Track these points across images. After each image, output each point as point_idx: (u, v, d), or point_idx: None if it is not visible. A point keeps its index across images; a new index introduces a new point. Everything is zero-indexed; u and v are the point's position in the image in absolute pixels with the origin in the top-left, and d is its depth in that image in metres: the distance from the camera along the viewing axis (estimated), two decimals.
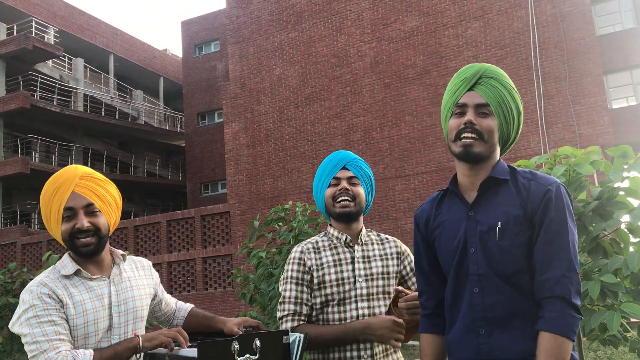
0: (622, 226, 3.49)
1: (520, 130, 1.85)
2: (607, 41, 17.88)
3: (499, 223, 1.70)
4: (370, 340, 2.16)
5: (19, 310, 1.88)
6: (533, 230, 1.69)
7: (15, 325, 1.87)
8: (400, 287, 2.15)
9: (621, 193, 3.52)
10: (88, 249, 1.97)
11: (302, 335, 1.99)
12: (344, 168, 2.34)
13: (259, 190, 17.65)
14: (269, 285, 6.97)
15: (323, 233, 2.41)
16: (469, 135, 1.74)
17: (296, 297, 2.24)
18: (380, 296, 2.25)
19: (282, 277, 2.32)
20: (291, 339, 1.99)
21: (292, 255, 2.32)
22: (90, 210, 1.99)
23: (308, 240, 2.40)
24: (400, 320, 2.12)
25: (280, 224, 7.36)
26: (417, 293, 2.06)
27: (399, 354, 2.31)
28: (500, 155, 1.85)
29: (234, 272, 7.95)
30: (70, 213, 1.97)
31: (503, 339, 1.66)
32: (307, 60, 17.58)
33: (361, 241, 2.34)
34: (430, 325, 1.90)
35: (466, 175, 1.82)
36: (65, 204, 1.96)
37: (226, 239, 17.89)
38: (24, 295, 1.89)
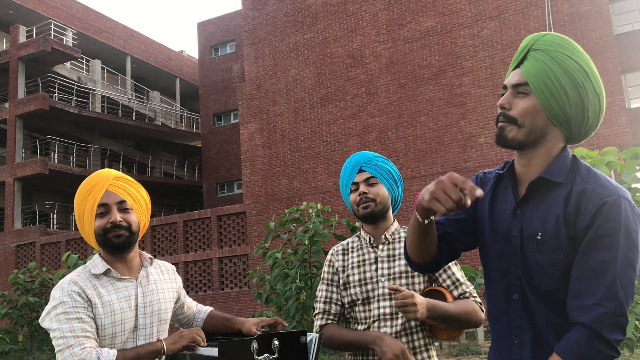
0: None
1: (590, 106, 1.53)
2: (626, 40, 17.69)
3: (539, 234, 1.51)
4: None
5: (48, 306, 1.95)
6: (576, 244, 1.47)
7: (45, 321, 1.94)
8: (393, 286, 2.13)
9: (638, 194, 3.50)
10: (120, 241, 2.03)
11: (317, 335, 2.03)
12: (361, 170, 2.35)
13: (275, 190, 17.71)
14: (285, 286, 7.01)
15: (357, 234, 2.47)
16: (501, 122, 1.57)
17: (326, 297, 2.37)
18: None
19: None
20: (308, 339, 2.02)
21: (326, 257, 2.46)
22: (123, 207, 2.07)
23: (342, 242, 2.49)
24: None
25: (295, 224, 7.40)
26: (407, 292, 2.04)
27: (432, 353, 2.28)
28: (574, 137, 1.59)
29: (250, 272, 8.01)
30: (104, 209, 2.04)
31: (536, 354, 1.52)
32: (323, 61, 17.61)
33: (386, 240, 2.35)
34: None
35: (520, 164, 1.62)
36: (99, 201, 2.04)
37: (242, 239, 17.98)
38: (55, 292, 1.96)
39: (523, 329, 1.55)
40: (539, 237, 1.51)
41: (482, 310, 2.25)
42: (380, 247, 2.34)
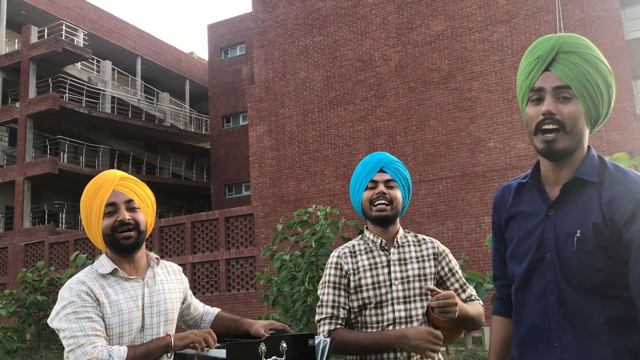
0: None
1: (612, 105, 1.59)
2: (637, 45, 17.60)
3: (578, 231, 1.51)
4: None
5: (57, 307, 1.95)
6: (619, 242, 1.47)
7: (54, 321, 1.94)
8: (430, 287, 2.14)
9: None
10: (128, 242, 2.04)
11: (328, 340, 2.01)
12: (381, 170, 2.34)
13: (283, 193, 17.73)
14: (292, 288, 7.00)
15: (360, 237, 2.43)
16: (550, 127, 1.52)
17: (334, 301, 2.28)
18: (417, 298, 2.25)
19: (320, 281, 2.36)
20: (316, 342, 2.01)
21: (329, 260, 2.37)
22: (130, 206, 2.08)
23: (345, 244, 2.42)
24: (437, 332, 2.12)
25: (303, 227, 7.39)
26: (448, 292, 2.08)
27: (440, 357, 2.31)
28: (590, 133, 1.62)
29: (258, 274, 8.01)
30: (112, 208, 2.05)
31: (578, 352, 1.50)
32: (332, 64, 17.63)
33: (397, 243, 2.34)
34: (504, 309, 1.81)
35: (550, 170, 1.61)
36: (107, 200, 2.05)
37: (249, 240, 18.00)
38: (63, 292, 1.96)
39: (563, 332, 1.53)
40: (578, 234, 1.50)
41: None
42: (392, 250, 2.33)
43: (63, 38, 23.69)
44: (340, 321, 2.26)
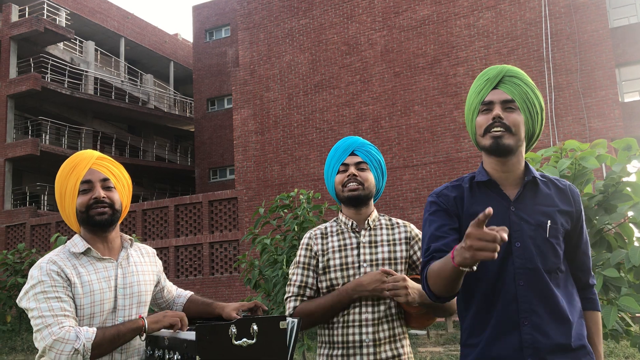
0: (627, 220, 3.47)
1: (543, 127, 1.89)
2: (621, 33, 17.69)
3: (549, 221, 1.77)
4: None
5: (27, 286, 1.92)
6: (575, 229, 1.84)
7: (23, 300, 1.92)
8: (385, 269, 2.17)
9: (628, 189, 3.50)
10: (102, 218, 2.02)
11: (295, 321, 2.01)
12: (353, 154, 2.35)
13: (267, 177, 17.68)
14: (274, 271, 7.01)
15: (334, 219, 2.44)
16: (498, 129, 1.79)
17: (301, 281, 2.32)
18: None
19: (293, 261, 2.40)
20: (289, 325, 2.00)
21: (302, 241, 2.40)
22: (106, 185, 2.06)
23: (318, 226, 2.44)
24: (390, 270, 2.16)
25: (285, 211, 7.39)
26: (399, 275, 2.11)
27: (407, 342, 2.31)
28: (526, 151, 1.90)
29: (240, 257, 8.00)
30: (87, 186, 2.03)
31: (545, 329, 1.72)
32: (317, 47, 17.52)
33: (369, 226, 2.34)
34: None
35: (497, 170, 1.86)
36: (83, 178, 2.03)
37: (233, 224, 17.97)
38: (33, 271, 1.93)
39: (532, 312, 1.73)
40: (549, 224, 1.77)
41: None
42: (363, 232, 2.33)
43: (45, 17, 23.25)
44: (305, 299, 2.30)
